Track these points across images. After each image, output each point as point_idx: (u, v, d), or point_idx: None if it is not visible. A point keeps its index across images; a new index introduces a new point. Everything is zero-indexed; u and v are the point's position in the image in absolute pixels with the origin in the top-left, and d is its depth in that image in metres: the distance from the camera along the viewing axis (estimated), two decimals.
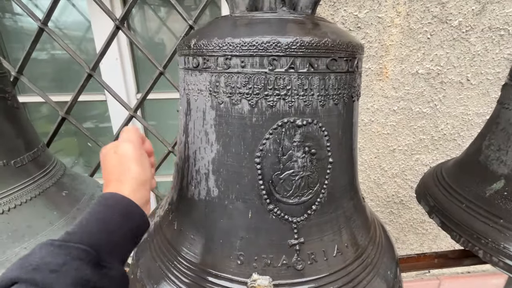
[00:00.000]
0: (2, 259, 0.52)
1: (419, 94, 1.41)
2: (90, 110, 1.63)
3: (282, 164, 0.42)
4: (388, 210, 1.68)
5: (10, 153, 0.59)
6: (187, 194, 0.50)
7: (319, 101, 0.41)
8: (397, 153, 1.54)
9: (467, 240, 0.74)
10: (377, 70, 1.34)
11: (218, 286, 0.43)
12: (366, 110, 1.42)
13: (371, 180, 1.59)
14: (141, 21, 1.49)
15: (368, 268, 0.48)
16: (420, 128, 1.49)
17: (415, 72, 1.37)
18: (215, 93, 0.42)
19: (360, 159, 1.53)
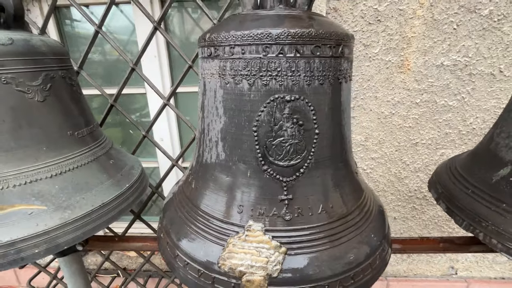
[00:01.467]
0: (67, 203, 0.69)
1: (445, 86, 1.38)
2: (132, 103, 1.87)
3: (274, 132, 0.52)
4: (411, 206, 1.66)
5: (74, 127, 0.77)
6: (202, 159, 0.63)
7: (305, 81, 0.50)
8: (420, 147, 1.52)
9: (469, 223, 0.77)
10: (398, 62, 1.35)
11: (223, 228, 0.55)
12: (387, 103, 1.43)
13: (391, 173, 1.59)
14: (178, 22, 1.67)
15: (351, 228, 0.56)
16: (446, 122, 1.46)
17: (440, 64, 1.35)
18: (223, 76, 0.53)
19: (380, 152, 1.55)
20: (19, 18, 0.72)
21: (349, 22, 1.30)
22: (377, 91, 1.41)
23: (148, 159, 1.94)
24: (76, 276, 0.98)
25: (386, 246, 0.62)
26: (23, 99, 0.66)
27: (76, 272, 0.98)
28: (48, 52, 0.71)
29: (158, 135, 1.78)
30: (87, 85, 1.15)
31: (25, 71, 0.66)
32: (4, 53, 0.62)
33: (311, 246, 0.52)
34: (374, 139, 1.51)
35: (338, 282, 0.51)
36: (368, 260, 0.55)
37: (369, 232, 0.58)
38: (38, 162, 0.69)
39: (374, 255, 0.56)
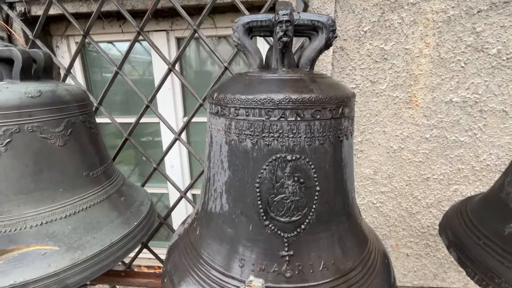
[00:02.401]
0: (78, 243, 0.72)
1: (455, 122, 1.37)
2: (146, 128, 1.95)
3: (276, 189, 0.53)
4: (424, 242, 1.59)
5: (90, 167, 0.81)
6: (207, 207, 0.65)
7: (306, 142, 0.52)
8: (431, 182, 1.48)
9: (481, 278, 0.74)
10: (406, 98, 1.36)
11: (223, 282, 0.55)
12: (395, 137, 1.43)
13: (402, 208, 1.55)
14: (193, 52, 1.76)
15: (353, 286, 0.55)
16: (458, 157, 1.43)
17: (449, 100, 1.35)
18: (228, 133, 0.56)
19: (389, 186, 1.52)
20: (48, 69, 0.80)
21: (355, 60, 1.34)
22: (385, 125, 1.42)
23: (158, 185, 1.98)
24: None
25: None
26: (46, 144, 0.72)
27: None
28: (72, 100, 0.77)
29: (169, 162, 1.83)
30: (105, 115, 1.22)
31: (50, 120, 0.72)
32: (33, 105, 0.69)
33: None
34: (384, 173, 1.50)
35: None
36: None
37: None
38: (55, 203, 0.73)
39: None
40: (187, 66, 1.78)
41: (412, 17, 1.26)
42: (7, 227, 0.67)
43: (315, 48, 0.59)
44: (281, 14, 0.50)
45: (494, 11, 1.22)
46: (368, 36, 1.30)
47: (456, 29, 1.25)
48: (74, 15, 1.49)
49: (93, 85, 1.84)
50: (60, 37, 1.66)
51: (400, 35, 1.28)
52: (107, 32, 1.63)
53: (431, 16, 1.25)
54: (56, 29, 1.65)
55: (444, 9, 1.24)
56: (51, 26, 1.65)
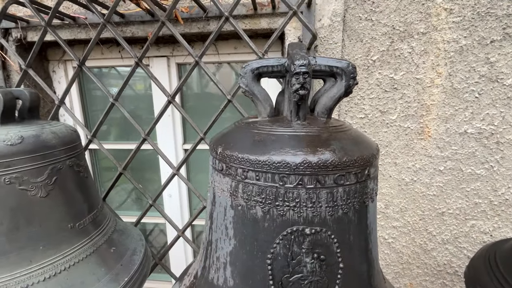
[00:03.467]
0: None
1: (470, 154, 1.30)
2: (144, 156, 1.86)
3: (291, 267, 0.45)
4: (440, 281, 1.47)
5: (76, 217, 0.72)
6: (208, 276, 0.55)
7: (327, 212, 0.44)
8: (446, 216, 1.39)
9: None
10: (418, 129, 1.29)
11: None
12: (407, 169, 1.35)
13: (416, 244, 1.44)
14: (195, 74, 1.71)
15: None
16: (474, 191, 1.34)
17: (463, 132, 1.27)
18: (234, 196, 0.48)
19: (402, 221, 1.42)
20: (34, 109, 0.72)
21: (364, 90, 1.28)
22: (396, 157, 1.34)
23: (155, 215, 1.87)
24: None
25: None
26: (24, 197, 0.63)
27: None
28: (58, 144, 0.69)
29: (166, 192, 1.73)
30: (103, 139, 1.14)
31: (31, 168, 0.64)
32: (12, 154, 0.61)
33: None
34: (395, 207, 1.40)
35: None
36: None
37: None
38: (32, 264, 0.63)
39: None
40: (188, 89, 1.73)
41: (422, 46, 1.21)
42: None
43: (334, 96, 0.52)
44: (297, 65, 0.43)
45: (508, 41, 1.17)
46: (377, 66, 1.24)
47: (468, 59, 1.20)
48: (72, 41, 1.45)
49: (90, 113, 1.77)
50: (57, 62, 1.62)
51: (410, 65, 1.23)
52: (106, 58, 1.58)
53: (443, 46, 1.21)
54: (53, 54, 1.61)
55: (455, 39, 1.19)
56: (48, 51, 1.61)
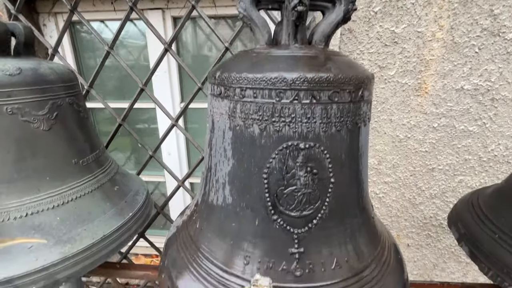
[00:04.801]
0: (68, 236, 0.67)
1: (465, 111, 1.32)
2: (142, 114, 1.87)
3: (286, 181, 0.48)
4: (425, 233, 1.57)
5: (80, 154, 0.75)
6: (208, 199, 0.59)
7: (321, 128, 0.46)
8: (436, 172, 1.45)
9: (496, 273, 0.70)
10: (415, 85, 1.30)
11: (227, 280, 0.51)
12: (402, 126, 1.38)
13: (405, 199, 1.52)
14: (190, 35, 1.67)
15: (367, 285, 0.51)
16: (465, 148, 1.38)
17: (460, 88, 1.28)
18: (232, 117, 0.50)
19: (394, 176, 1.48)
20: (29, 45, 0.71)
21: (364, 44, 1.26)
22: (392, 114, 1.36)
23: (154, 173, 1.93)
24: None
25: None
26: (28, 129, 0.65)
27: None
28: (56, 80, 0.70)
29: (165, 150, 1.77)
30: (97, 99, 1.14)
31: (32, 101, 0.64)
32: (11, 84, 0.61)
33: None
34: (388, 163, 1.45)
35: None
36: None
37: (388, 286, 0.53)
38: (40, 193, 0.67)
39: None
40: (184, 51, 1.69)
41: None
42: None
43: (332, 22, 0.52)
44: None
45: None
46: (379, 18, 1.21)
47: (472, 11, 1.17)
48: None
49: (85, 70, 1.74)
50: (48, 14, 1.55)
51: (412, 17, 1.20)
52: (98, 10, 1.51)
53: None
54: (43, 6, 1.54)
55: None
56: (38, 3, 1.53)
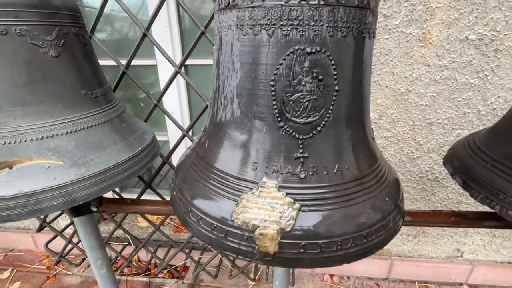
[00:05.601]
0: (83, 160, 0.70)
1: (467, 62, 1.32)
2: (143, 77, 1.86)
3: (292, 87, 0.50)
4: (420, 187, 1.64)
5: (88, 86, 0.76)
6: (216, 118, 0.62)
7: (327, 32, 0.47)
8: (435, 126, 1.47)
9: (485, 196, 0.75)
10: (419, 35, 1.28)
11: (237, 185, 0.55)
12: (404, 79, 1.38)
13: (403, 153, 1.56)
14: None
15: (365, 190, 0.55)
16: (465, 101, 1.40)
17: (464, 38, 1.27)
18: (241, 26, 0.51)
19: (393, 131, 1.51)
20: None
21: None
22: (395, 66, 1.36)
23: (158, 133, 1.95)
24: (90, 236, 1.02)
25: (399, 214, 0.61)
26: (38, 53, 0.66)
27: (91, 232, 1.02)
28: (62, 7, 0.69)
29: (168, 109, 1.78)
30: (98, 55, 1.14)
31: (39, 24, 0.65)
32: (19, 4, 0.61)
33: (325, 204, 0.51)
34: (388, 117, 1.48)
35: (351, 239, 0.51)
36: (381, 222, 0.54)
37: (384, 195, 0.57)
38: (54, 118, 0.69)
39: (388, 218, 0.55)
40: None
41: None
42: (6, 138, 0.64)
43: None
44: None
45: None
46: None
47: None
48: None
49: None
50: None
51: None
52: None
53: None
54: None
55: None
56: None
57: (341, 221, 0.51)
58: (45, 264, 2.05)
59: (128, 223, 2.07)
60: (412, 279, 1.84)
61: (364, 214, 0.52)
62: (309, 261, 0.50)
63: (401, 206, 0.63)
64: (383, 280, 1.85)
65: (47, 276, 1.92)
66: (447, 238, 1.75)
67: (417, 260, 1.80)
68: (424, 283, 1.83)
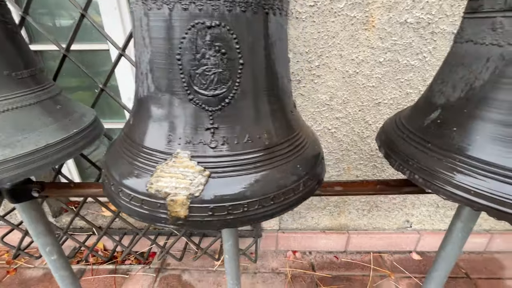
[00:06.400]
0: (8, 142, 0.69)
1: (407, 45, 1.40)
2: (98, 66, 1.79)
3: (197, 60, 0.52)
4: (372, 164, 1.75)
5: (11, 66, 0.74)
6: (138, 95, 0.63)
7: (225, 6, 0.50)
8: (382, 106, 1.57)
9: (400, 163, 0.83)
10: (363, 18, 1.34)
11: (153, 157, 0.57)
12: (351, 61, 1.45)
13: (355, 133, 1.65)
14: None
15: (277, 157, 0.60)
16: (407, 82, 1.49)
17: (404, 21, 1.35)
18: (145, 1, 0.52)
19: (344, 112, 1.59)
20: None
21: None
22: (342, 49, 1.42)
23: (115, 120, 1.92)
24: (36, 222, 1.01)
25: (314, 179, 0.67)
26: None
27: (36, 218, 1.01)
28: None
29: (125, 95, 1.74)
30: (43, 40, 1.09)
31: None
32: None
33: (233, 171, 0.55)
34: (339, 99, 1.55)
35: (257, 202, 0.55)
36: (290, 186, 0.59)
37: (295, 163, 0.62)
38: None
39: (297, 182, 0.61)
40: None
41: None
42: None
43: None
44: None
45: None
46: None
47: None
48: None
49: None
50: None
51: None
52: None
53: None
54: None
55: None
56: None
57: (248, 186, 0.55)
58: (5, 259, 1.99)
59: (92, 213, 2.04)
60: (367, 250, 1.99)
61: (270, 180, 0.57)
62: (218, 222, 0.54)
63: (317, 174, 0.68)
64: (341, 253, 1.98)
65: (7, 270, 1.87)
66: (398, 210, 1.90)
67: (371, 233, 1.95)
68: (378, 253, 1.98)
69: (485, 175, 0.60)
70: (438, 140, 0.74)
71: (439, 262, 1.02)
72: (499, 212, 0.58)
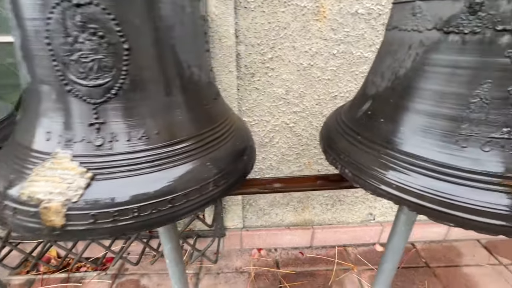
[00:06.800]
0: None
1: (360, 36, 1.38)
2: None
3: (69, 45, 0.45)
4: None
5: None
6: (22, 88, 0.55)
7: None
8: (338, 100, 1.55)
9: (334, 158, 0.79)
10: (314, 9, 1.30)
11: (31, 157, 0.50)
12: (305, 53, 1.41)
13: (313, 127, 1.62)
14: None
15: (176, 156, 0.53)
16: (362, 74, 1.48)
17: (355, 12, 1.32)
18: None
19: (301, 106, 1.55)
20: None
21: None
22: (295, 40, 1.37)
23: None
24: None
25: (232, 177, 0.61)
26: None
27: None
28: None
29: None
30: None
31: None
32: None
33: (122, 172, 0.49)
34: (295, 92, 1.51)
35: (150, 206, 0.49)
36: (194, 186, 0.54)
37: (204, 161, 0.57)
38: None
39: (205, 182, 0.55)
40: None
41: None
42: None
43: None
44: None
45: None
46: None
47: None
48: None
49: None
50: None
51: None
52: None
53: None
54: None
55: None
56: None
57: (140, 189, 0.49)
58: None
59: None
60: (332, 244, 1.99)
61: (169, 180, 0.51)
62: (103, 230, 0.47)
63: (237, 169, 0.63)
64: (307, 248, 1.97)
65: None
66: (361, 204, 1.91)
67: (336, 227, 1.95)
68: (343, 247, 1.99)
69: (408, 167, 0.57)
70: (367, 133, 0.71)
71: (387, 254, 1.01)
72: (418, 206, 0.55)
